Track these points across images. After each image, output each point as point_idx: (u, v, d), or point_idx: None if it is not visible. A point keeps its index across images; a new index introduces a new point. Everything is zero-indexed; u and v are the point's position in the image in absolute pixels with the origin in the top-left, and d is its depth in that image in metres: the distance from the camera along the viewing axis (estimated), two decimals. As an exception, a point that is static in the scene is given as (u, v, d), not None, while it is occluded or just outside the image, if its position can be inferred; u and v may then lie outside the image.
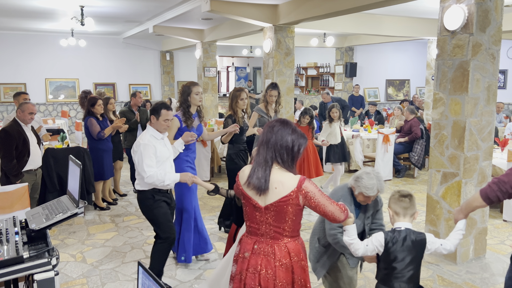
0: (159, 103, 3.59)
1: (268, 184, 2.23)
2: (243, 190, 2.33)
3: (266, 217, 2.27)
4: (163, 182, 3.40)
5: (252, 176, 2.27)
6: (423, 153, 8.03)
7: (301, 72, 15.88)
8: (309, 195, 2.21)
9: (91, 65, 13.31)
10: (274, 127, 2.29)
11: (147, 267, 3.21)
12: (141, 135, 3.52)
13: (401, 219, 2.51)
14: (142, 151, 3.40)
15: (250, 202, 2.31)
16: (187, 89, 4.15)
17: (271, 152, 2.26)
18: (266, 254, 2.27)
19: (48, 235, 2.59)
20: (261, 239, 2.30)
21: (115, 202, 6.40)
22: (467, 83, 4.07)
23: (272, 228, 2.27)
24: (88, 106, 5.85)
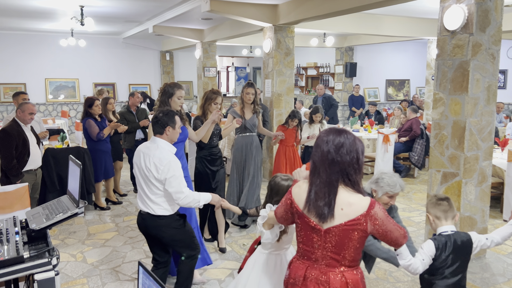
0: (167, 110, 3.14)
1: (333, 212, 1.93)
2: (298, 207, 2.04)
3: (326, 241, 1.97)
4: (199, 202, 3.05)
5: (311, 201, 1.97)
6: (423, 153, 8.03)
7: (301, 72, 15.88)
8: (378, 223, 1.93)
9: (91, 65, 13.31)
10: (335, 140, 1.95)
11: (150, 269, 3.21)
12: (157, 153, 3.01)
13: (443, 223, 2.49)
14: (174, 168, 2.96)
15: (306, 222, 2.01)
16: (170, 89, 3.79)
17: (337, 173, 1.94)
18: (319, 283, 2.00)
19: (48, 235, 2.59)
20: (315, 265, 2.03)
21: (120, 201, 6.40)
22: (467, 83, 4.07)
23: (329, 254, 1.98)
24: (86, 107, 5.85)
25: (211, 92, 4.47)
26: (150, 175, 3.01)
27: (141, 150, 3.12)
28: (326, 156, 1.95)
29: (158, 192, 3.05)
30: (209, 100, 4.43)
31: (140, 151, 3.13)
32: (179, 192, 2.97)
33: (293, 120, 6.01)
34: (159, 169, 2.96)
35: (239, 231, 5.17)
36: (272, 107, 7.82)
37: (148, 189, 3.07)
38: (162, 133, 3.08)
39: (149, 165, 3.00)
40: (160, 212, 3.10)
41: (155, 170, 2.97)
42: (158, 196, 3.06)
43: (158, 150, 3.02)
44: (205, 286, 3.87)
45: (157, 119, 3.08)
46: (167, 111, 3.11)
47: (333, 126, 2.09)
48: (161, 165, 2.96)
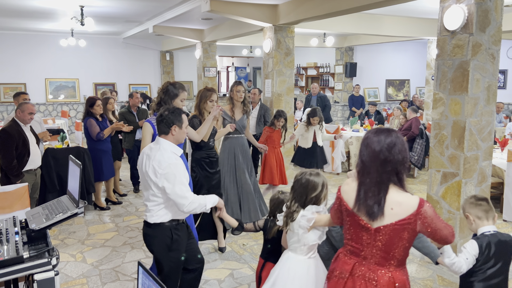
0: (173, 108, 2.90)
1: (383, 211, 1.94)
2: (348, 206, 2.06)
3: (375, 239, 1.99)
4: (205, 206, 2.79)
5: (361, 200, 1.98)
6: (423, 153, 8.03)
7: (301, 72, 15.88)
8: (428, 221, 1.94)
9: (91, 65, 13.32)
10: (387, 140, 1.96)
11: (148, 267, 3.22)
12: (158, 155, 2.75)
13: (485, 223, 2.49)
14: (174, 172, 2.67)
15: (356, 221, 2.03)
16: (174, 90, 3.55)
17: (388, 172, 1.95)
18: (367, 279, 2.01)
19: (48, 235, 2.59)
20: (363, 262, 2.04)
21: (120, 201, 6.40)
22: (467, 83, 4.07)
23: (379, 252, 2.00)
24: (87, 106, 5.85)
25: (205, 90, 4.31)
26: (148, 178, 2.76)
27: (145, 152, 2.87)
28: (378, 155, 1.96)
29: (154, 199, 2.78)
30: (204, 98, 4.27)
31: (143, 153, 2.88)
32: (182, 198, 2.68)
33: (278, 120, 5.78)
34: (157, 173, 2.68)
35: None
36: (272, 107, 7.82)
37: (147, 194, 2.83)
38: (168, 133, 2.81)
39: (148, 168, 2.74)
40: (151, 219, 2.81)
41: (153, 174, 2.70)
42: (155, 204, 2.79)
43: (159, 152, 2.74)
44: (205, 286, 3.86)
45: (162, 118, 2.81)
46: (173, 109, 2.85)
47: (379, 126, 2.03)
48: (160, 168, 2.68)
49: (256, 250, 4.64)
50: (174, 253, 2.84)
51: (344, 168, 8.57)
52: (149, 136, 3.49)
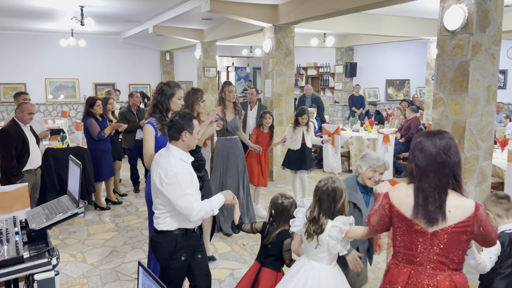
0: (183, 112, 2.76)
1: (444, 216, 1.92)
2: (401, 212, 2.02)
3: (432, 244, 1.95)
4: (212, 211, 2.72)
5: (420, 207, 1.95)
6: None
7: (301, 72, 15.88)
8: (483, 224, 1.94)
9: (91, 65, 13.31)
10: (442, 142, 1.95)
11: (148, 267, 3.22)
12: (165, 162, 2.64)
13: (505, 221, 2.54)
14: (180, 182, 2.57)
15: (411, 226, 1.99)
16: (169, 89, 3.40)
17: (447, 175, 1.93)
18: (426, 286, 1.98)
19: (48, 235, 2.59)
20: (419, 268, 2.00)
21: (120, 201, 6.40)
22: (467, 83, 4.07)
23: (437, 257, 1.96)
24: (87, 106, 5.85)
25: (195, 91, 4.10)
26: (154, 186, 2.68)
27: (155, 158, 2.78)
28: (435, 159, 1.94)
29: (161, 207, 2.71)
30: (196, 100, 4.11)
31: (154, 160, 2.79)
32: (188, 209, 2.59)
33: (265, 119, 5.60)
34: (163, 182, 2.59)
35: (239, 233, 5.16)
36: (272, 107, 7.83)
37: (156, 202, 2.75)
38: (178, 139, 2.70)
39: (154, 175, 2.66)
40: (158, 226, 2.75)
41: (159, 182, 2.62)
42: (161, 212, 2.72)
43: (167, 159, 2.64)
44: (205, 286, 3.86)
45: (172, 123, 2.69)
46: (184, 114, 2.72)
47: (431, 129, 2.01)
48: (165, 177, 2.59)
49: (256, 250, 4.63)
50: (175, 261, 2.77)
51: (344, 168, 8.57)
52: (151, 138, 3.33)
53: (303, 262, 2.57)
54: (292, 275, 2.57)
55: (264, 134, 5.67)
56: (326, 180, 2.52)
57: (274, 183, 7.68)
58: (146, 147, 3.30)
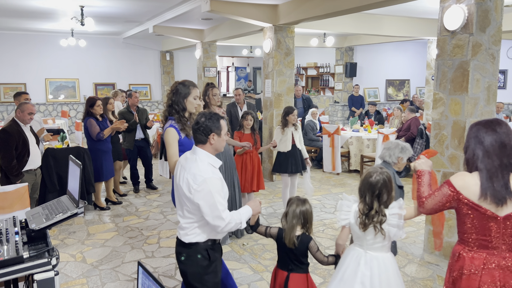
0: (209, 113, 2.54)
1: (510, 194, 2.05)
2: (470, 199, 2.11)
3: (506, 227, 2.07)
4: (240, 223, 2.51)
5: (488, 188, 2.06)
6: (423, 153, 8.02)
7: (301, 72, 15.88)
8: None
9: (91, 65, 13.32)
10: (501, 127, 2.10)
11: (148, 268, 3.21)
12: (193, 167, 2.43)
13: None
14: (211, 189, 2.36)
15: (481, 213, 2.09)
16: (184, 89, 3.21)
17: (508, 157, 2.07)
18: (504, 268, 2.08)
19: (48, 235, 2.59)
20: (494, 252, 2.11)
21: (119, 201, 6.41)
22: (467, 83, 4.07)
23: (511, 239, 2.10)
24: (87, 106, 5.86)
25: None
26: (181, 192, 2.46)
27: (180, 162, 2.59)
28: (496, 141, 2.07)
29: (190, 216, 2.47)
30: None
31: (179, 164, 2.58)
32: (219, 219, 2.38)
33: (246, 120, 5.26)
34: (192, 188, 2.38)
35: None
36: (272, 107, 7.83)
37: (180, 210, 2.54)
38: (205, 142, 2.49)
39: (181, 181, 2.45)
40: (185, 238, 2.50)
41: (186, 188, 2.40)
42: (190, 221, 2.48)
43: (195, 164, 2.44)
44: (205, 286, 3.86)
45: (198, 125, 2.48)
46: (210, 114, 2.51)
47: (483, 119, 2.20)
48: (194, 183, 2.37)
49: (256, 250, 4.64)
50: (210, 276, 2.53)
51: (344, 168, 8.57)
52: (175, 143, 3.10)
53: (360, 254, 2.59)
54: (352, 269, 2.58)
55: (246, 136, 5.37)
56: (373, 172, 2.54)
57: (274, 183, 7.68)
58: (171, 153, 3.05)
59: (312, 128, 8.95)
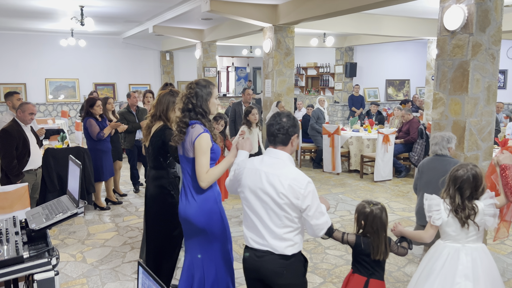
0: (286, 113, 2.38)
1: None
2: None
3: None
4: (330, 222, 2.44)
5: None
6: (423, 153, 8.03)
7: (301, 72, 15.88)
8: None
9: (91, 65, 13.32)
10: None
11: (148, 268, 3.20)
12: (288, 171, 2.28)
13: None
14: (314, 191, 2.27)
15: None
16: (204, 90, 2.85)
17: None
18: None
19: (48, 235, 2.59)
20: None
21: (119, 201, 6.41)
22: (467, 83, 4.07)
23: None
24: (87, 107, 5.86)
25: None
26: (280, 201, 2.25)
27: (259, 169, 2.35)
28: None
29: (290, 224, 2.29)
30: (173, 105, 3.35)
31: (257, 170, 2.35)
32: (323, 222, 2.30)
33: (218, 123, 4.88)
34: (299, 193, 2.22)
35: (239, 231, 5.16)
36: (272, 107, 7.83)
37: (272, 219, 2.30)
38: (287, 144, 2.34)
39: (281, 188, 2.24)
40: (289, 250, 2.31)
41: (291, 194, 2.22)
42: (289, 230, 2.31)
43: (286, 168, 2.29)
44: (205, 286, 3.86)
45: (280, 126, 2.31)
46: (287, 114, 2.35)
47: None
48: (300, 187, 2.22)
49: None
50: (305, 278, 2.48)
51: (344, 168, 8.56)
52: (209, 151, 2.78)
53: (456, 248, 2.66)
54: (451, 264, 2.65)
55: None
56: (465, 168, 2.62)
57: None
58: (203, 162, 2.73)
59: (318, 116, 8.60)
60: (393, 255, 4.49)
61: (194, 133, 2.77)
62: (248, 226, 2.41)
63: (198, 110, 2.83)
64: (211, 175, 2.74)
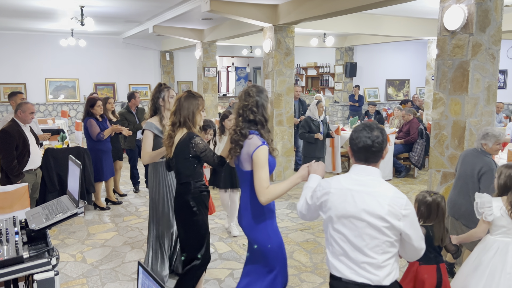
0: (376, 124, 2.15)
1: None
2: None
3: None
4: None
5: None
6: (423, 153, 8.04)
7: (301, 72, 15.88)
8: None
9: (91, 65, 13.32)
10: None
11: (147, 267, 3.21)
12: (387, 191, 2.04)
13: None
14: (414, 211, 2.08)
15: None
16: (262, 96, 2.67)
17: None
18: None
19: (48, 235, 2.59)
20: None
21: (119, 201, 6.41)
22: (467, 83, 4.07)
23: None
24: (88, 107, 5.86)
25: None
26: (380, 224, 2.01)
27: (351, 188, 2.09)
28: None
29: (389, 249, 2.04)
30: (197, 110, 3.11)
31: (347, 190, 2.09)
32: (422, 240, 2.11)
33: (207, 133, 4.50)
34: (401, 215, 1.99)
35: (239, 231, 5.16)
36: (272, 107, 7.83)
37: (369, 246, 2.04)
38: (378, 161, 2.11)
39: (379, 209, 2.00)
40: (387, 280, 2.05)
41: (392, 215, 1.99)
42: (389, 256, 2.05)
43: (382, 186, 2.05)
44: (205, 286, 3.86)
45: (373, 140, 2.05)
46: (377, 127, 2.11)
47: None
48: (400, 208, 1.99)
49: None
50: None
51: (344, 168, 8.56)
52: (267, 164, 2.62)
53: (506, 242, 2.86)
54: (500, 258, 2.84)
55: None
56: (506, 166, 2.90)
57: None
58: (263, 176, 2.58)
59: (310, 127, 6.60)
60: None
61: (252, 145, 2.60)
62: (336, 254, 2.13)
63: (259, 120, 2.65)
64: (272, 192, 2.55)
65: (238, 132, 2.66)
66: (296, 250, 4.64)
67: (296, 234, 5.14)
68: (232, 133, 2.69)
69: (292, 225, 5.44)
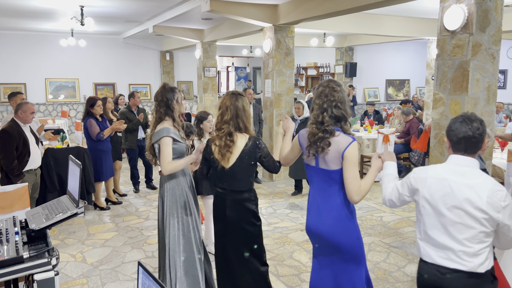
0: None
1: None
2: None
3: None
4: None
5: None
6: (423, 153, 8.03)
7: (301, 72, 15.88)
8: None
9: (91, 65, 13.32)
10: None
11: (148, 268, 3.21)
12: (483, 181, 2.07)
13: None
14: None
15: None
16: (343, 90, 2.66)
17: None
18: None
19: (48, 235, 2.59)
20: None
21: (119, 201, 6.41)
22: (467, 83, 4.07)
23: None
24: (88, 107, 5.86)
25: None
26: (479, 215, 2.04)
27: (448, 178, 2.14)
28: None
29: (486, 239, 2.08)
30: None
31: (444, 180, 2.14)
32: None
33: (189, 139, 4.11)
34: (500, 206, 2.02)
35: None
36: (272, 107, 7.83)
37: (464, 234, 2.08)
38: (476, 152, 2.19)
39: (478, 201, 2.04)
40: (482, 268, 2.09)
41: (491, 207, 2.02)
42: (485, 245, 2.10)
43: (482, 178, 2.08)
44: (205, 286, 3.86)
45: (473, 131, 2.12)
46: (477, 118, 2.16)
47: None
48: (500, 200, 2.02)
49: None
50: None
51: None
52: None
53: None
54: None
55: None
56: None
57: (274, 183, 7.67)
58: (357, 174, 2.51)
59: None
60: (391, 256, 4.48)
61: (343, 143, 2.50)
62: (428, 238, 2.18)
63: (343, 115, 2.56)
64: (364, 190, 2.51)
65: (324, 130, 2.53)
66: (296, 250, 4.64)
67: (296, 234, 5.14)
68: (315, 131, 2.55)
69: (292, 225, 5.44)
